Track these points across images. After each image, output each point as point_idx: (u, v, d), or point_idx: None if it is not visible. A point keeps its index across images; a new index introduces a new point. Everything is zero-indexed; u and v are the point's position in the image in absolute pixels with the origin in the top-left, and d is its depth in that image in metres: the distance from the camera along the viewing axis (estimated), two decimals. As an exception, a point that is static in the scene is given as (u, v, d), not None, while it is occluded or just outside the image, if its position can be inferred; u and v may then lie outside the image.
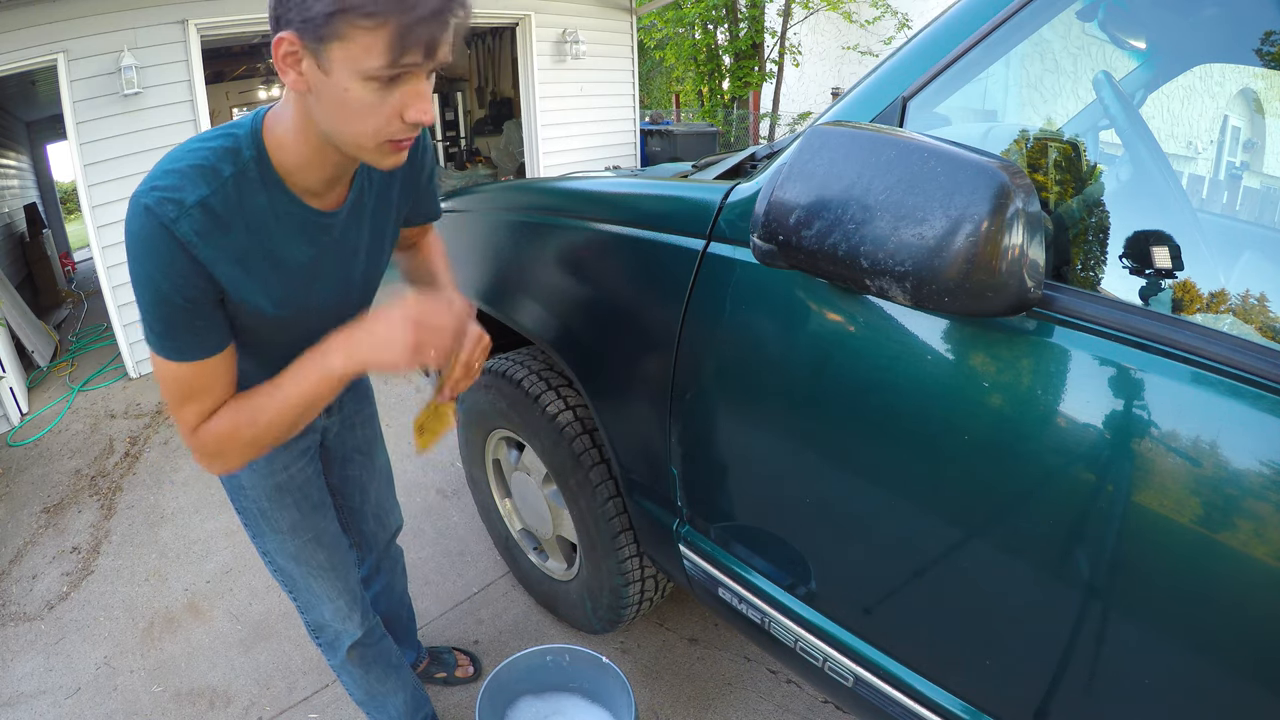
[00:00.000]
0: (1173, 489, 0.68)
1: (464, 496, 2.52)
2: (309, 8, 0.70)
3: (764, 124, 11.49)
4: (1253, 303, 0.76)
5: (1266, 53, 0.82)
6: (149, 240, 0.78)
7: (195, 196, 0.78)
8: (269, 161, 0.84)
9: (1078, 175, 0.98)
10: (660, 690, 1.70)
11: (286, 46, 0.73)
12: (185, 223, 0.78)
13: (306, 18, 0.70)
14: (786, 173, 0.83)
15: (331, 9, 0.69)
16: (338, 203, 0.93)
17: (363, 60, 0.72)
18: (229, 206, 0.81)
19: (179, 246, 0.78)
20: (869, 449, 0.93)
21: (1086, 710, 0.79)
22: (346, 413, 1.29)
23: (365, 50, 0.71)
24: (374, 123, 0.77)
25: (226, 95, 8.45)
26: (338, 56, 0.72)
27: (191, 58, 3.83)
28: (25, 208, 6.80)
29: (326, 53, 0.72)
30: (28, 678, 1.84)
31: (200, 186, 0.79)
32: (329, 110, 0.77)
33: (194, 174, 0.79)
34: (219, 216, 0.81)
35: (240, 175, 0.82)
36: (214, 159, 0.81)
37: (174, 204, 0.77)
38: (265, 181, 0.84)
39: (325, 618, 1.24)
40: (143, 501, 2.65)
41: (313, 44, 0.72)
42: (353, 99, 0.75)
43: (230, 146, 0.82)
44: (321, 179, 0.88)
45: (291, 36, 0.72)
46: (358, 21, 0.69)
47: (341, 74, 0.73)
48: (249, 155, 0.83)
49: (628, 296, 1.26)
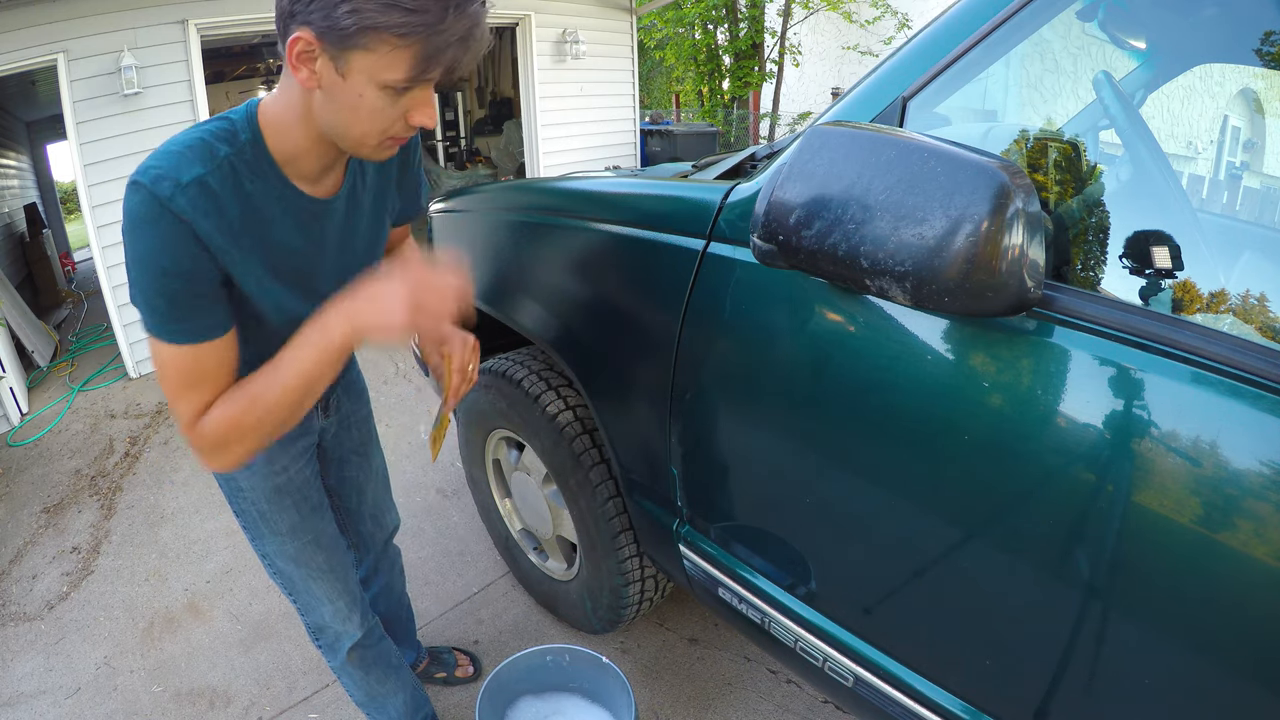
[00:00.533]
0: (1173, 489, 0.68)
1: (464, 496, 2.52)
2: (336, 19, 0.69)
3: (764, 124, 11.49)
4: (1253, 303, 0.76)
5: (1266, 53, 0.82)
6: (146, 217, 0.76)
7: (191, 174, 0.78)
8: (265, 146, 0.84)
9: (1078, 175, 0.98)
10: (660, 690, 1.70)
11: (303, 46, 0.73)
12: (181, 198, 0.77)
13: (332, 25, 0.70)
14: (786, 173, 0.83)
15: (364, 24, 0.69)
16: (333, 189, 0.94)
17: (384, 72, 0.73)
18: (224, 186, 0.81)
19: (176, 220, 0.77)
20: (869, 449, 0.93)
21: (1086, 710, 0.79)
22: (343, 413, 1.29)
23: (389, 64, 0.72)
24: (381, 125, 0.79)
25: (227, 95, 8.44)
26: (359, 65, 0.73)
27: (191, 58, 3.83)
28: (25, 208, 6.80)
29: (347, 59, 0.72)
30: (28, 678, 1.84)
31: (196, 165, 0.79)
32: (337, 110, 0.78)
33: (190, 154, 0.79)
34: (215, 194, 0.80)
35: (237, 156, 0.82)
36: (210, 139, 0.81)
37: (169, 181, 0.76)
38: (260, 165, 0.84)
39: (325, 619, 1.24)
40: (143, 501, 2.65)
41: (333, 48, 0.72)
42: (365, 104, 0.76)
43: (227, 129, 0.82)
44: (317, 166, 0.89)
45: (310, 36, 0.72)
46: (387, 38, 0.70)
47: (358, 80, 0.74)
48: (245, 138, 0.83)
49: (628, 296, 1.26)
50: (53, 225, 7.55)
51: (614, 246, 1.27)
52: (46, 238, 6.37)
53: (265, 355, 0.90)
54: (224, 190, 0.81)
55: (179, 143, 0.80)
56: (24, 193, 7.53)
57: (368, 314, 0.84)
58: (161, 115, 3.72)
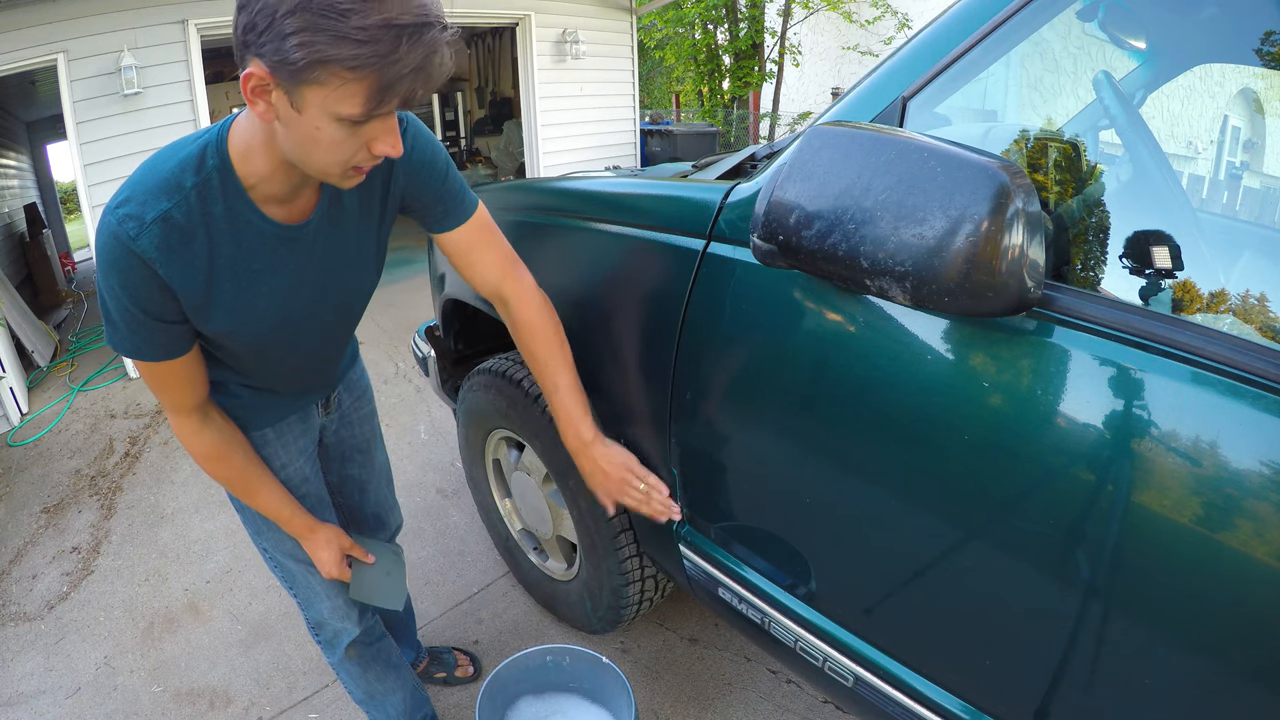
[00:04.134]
0: (1173, 489, 0.68)
1: (464, 496, 2.52)
2: (286, 52, 0.67)
3: (764, 124, 11.49)
4: (1253, 303, 0.76)
5: (1266, 53, 0.82)
6: (112, 257, 0.81)
7: (155, 211, 0.79)
8: (232, 171, 0.84)
9: (1078, 175, 0.98)
10: (660, 690, 1.70)
11: (256, 81, 0.71)
12: (145, 239, 0.79)
13: (283, 59, 0.68)
14: (786, 173, 0.83)
15: (314, 58, 0.67)
16: (304, 214, 0.92)
17: (338, 105, 0.71)
18: (191, 216, 0.82)
19: (140, 263, 0.80)
20: (869, 449, 0.93)
21: (1086, 710, 0.79)
22: (344, 410, 1.29)
23: (342, 97, 0.70)
24: (341, 156, 0.77)
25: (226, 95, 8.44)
26: (312, 99, 0.71)
27: (191, 58, 3.83)
28: (25, 208, 6.81)
29: (300, 93, 0.70)
30: (28, 678, 1.85)
31: (161, 201, 0.80)
32: (296, 142, 0.77)
33: (157, 189, 0.80)
34: (180, 227, 0.81)
35: (204, 185, 0.82)
36: (179, 171, 0.81)
37: (134, 221, 0.79)
38: (226, 191, 0.84)
39: (324, 615, 1.24)
40: (143, 501, 2.65)
41: (286, 82, 0.70)
42: (324, 136, 0.74)
43: (196, 155, 0.82)
44: (285, 189, 0.87)
45: (263, 71, 0.70)
46: (339, 71, 0.68)
47: (314, 113, 0.72)
48: (212, 164, 0.82)
49: (628, 297, 1.26)
50: (53, 225, 7.56)
51: (614, 247, 1.27)
52: (46, 238, 6.38)
53: (255, 375, 1.05)
54: (189, 221, 0.82)
55: (154, 171, 0.81)
56: (24, 193, 7.53)
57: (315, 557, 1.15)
58: (161, 115, 3.72)
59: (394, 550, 1.28)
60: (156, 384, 0.95)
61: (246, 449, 1.06)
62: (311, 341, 1.07)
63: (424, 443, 2.96)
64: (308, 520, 1.13)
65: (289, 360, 1.06)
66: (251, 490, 1.07)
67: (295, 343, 1.03)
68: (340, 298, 1.04)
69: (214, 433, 1.01)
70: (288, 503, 1.10)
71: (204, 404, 1.00)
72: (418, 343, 2.18)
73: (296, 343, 1.03)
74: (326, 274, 0.98)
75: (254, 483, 1.06)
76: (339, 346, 1.17)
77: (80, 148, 3.51)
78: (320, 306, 1.01)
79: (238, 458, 1.04)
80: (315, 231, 0.93)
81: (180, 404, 0.97)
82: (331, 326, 1.09)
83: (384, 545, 1.27)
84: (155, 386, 0.95)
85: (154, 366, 0.91)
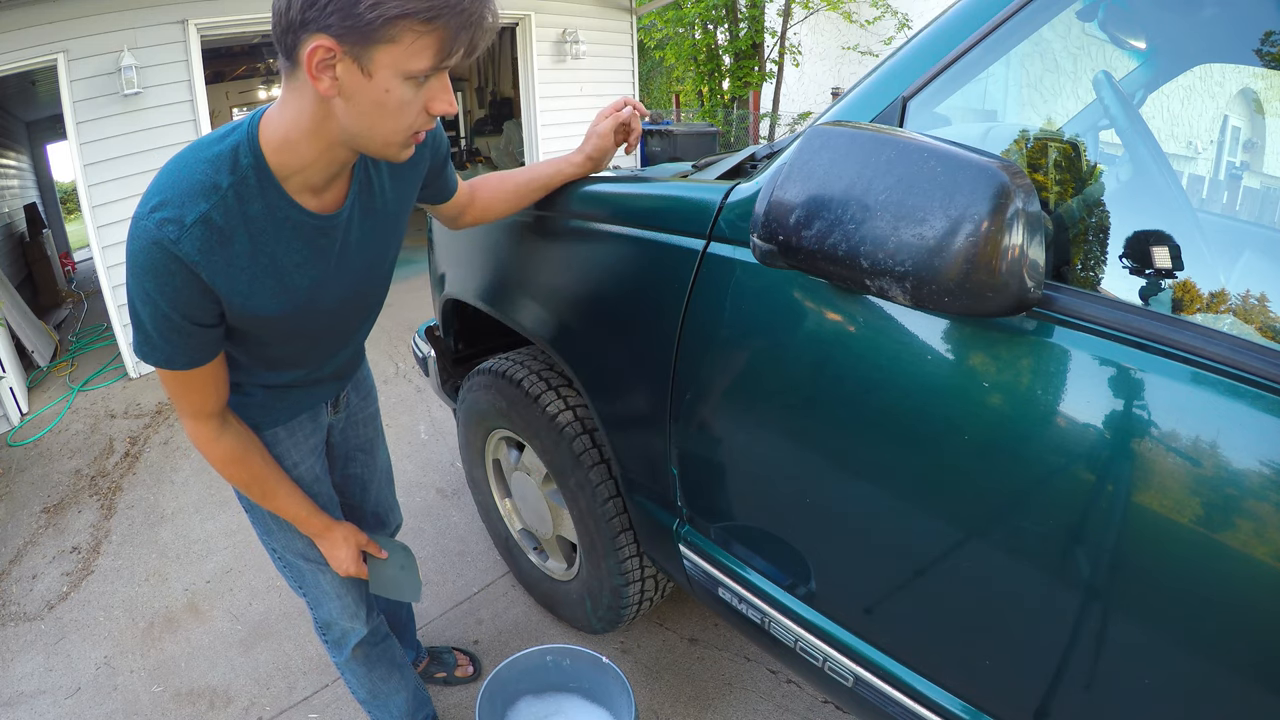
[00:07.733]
0: (1173, 489, 0.68)
1: (464, 496, 2.52)
2: (358, 15, 0.69)
3: (764, 124, 11.49)
4: (1253, 303, 0.76)
5: (1266, 53, 0.82)
6: (150, 262, 0.80)
7: (195, 213, 0.79)
8: (266, 166, 0.84)
9: (1078, 175, 0.98)
10: (660, 690, 1.70)
11: (323, 54, 0.72)
12: (187, 242, 0.79)
13: (353, 22, 0.70)
14: (786, 173, 0.83)
15: (391, 13, 0.69)
16: (337, 203, 0.93)
17: (410, 62, 0.73)
18: (230, 216, 0.82)
19: (182, 267, 0.80)
20: (869, 449, 0.93)
21: (1086, 710, 0.79)
22: (351, 410, 1.30)
23: (415, 52, 0.73)
24: (407, 119, 0.79)
25: (226, 95, 8.45)
26: (384, 60, 0.73)
27: (191, 58, 3.83)
28: (25, 208, 6.80)
29: (371, 55, 0.72)
30: (28, 678, 1.85)
31: (199, 202, 0.80)
32: (363, 112, 0.78)
33: (193, 191, 0.80)
34: (220, 229, 0.81)
35: (240, 183, 0.82)
36: (212, 172, 0.81)
37: (174, 224, 0.78)
38: (263, 187, 0.84)
39: (333, 615, 1.25)
40: (143, 501, 2.65)
41: (356, 48, 0.72)
42: (392, 99, 0.76)
43: (228, 154, 0.82)
44: (323, 178, 0.88)
45: (330, 42, 0.71)
46: (414, 25, 0.71)
47: (384, 75, 0.74)
48: (246, 162, 0.82)
49: (628, 296, 1.26)
50: (53, 225, 7.55)
51: (614, 246, 1.27)
52: (46, 238, 6.38)
53: (283, 365, 1.05)
54: (229, 221, 0.82)
55: (185, 172, 0.81)
56: (24, 193, 7.53)
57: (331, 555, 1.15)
58: (161, 115, 3.71)
59: (403, 545, 1.28)
60: (180, 390, 0.94)
61: (263, 451, 1.06)
62: (342, 328, 1.09)
63: (424, 443, 2.96)
64: (324, 519, 1.13)
65: (314, 351, 1.08)
66: (269, 492, 1.06)
67: (328, 329, 1.05)
68: (370, 283, 1.06)
69: (232, 437, 1.01)
70: (304, 503, 1.10)
71: (223, 409, 1.00)
72: (418, 343, 2.18)
73: (329, 328, 1.05)
74: (359, 259, 1.00)
75: (272, 484, 1.06)
76: (364, 333, 1.19)
77: (80, 148, 3.50)
78: (353, 292, 1.02)
79: (256, 460, 1.04)
80: (349, 219, 0.95)
81: (201, 410, 0.97)
82: (361, 312, 1.11)
83: (394, 541, 1.28)
84: (178, 393, 0.94)
85: (180, 374, 0.91)
